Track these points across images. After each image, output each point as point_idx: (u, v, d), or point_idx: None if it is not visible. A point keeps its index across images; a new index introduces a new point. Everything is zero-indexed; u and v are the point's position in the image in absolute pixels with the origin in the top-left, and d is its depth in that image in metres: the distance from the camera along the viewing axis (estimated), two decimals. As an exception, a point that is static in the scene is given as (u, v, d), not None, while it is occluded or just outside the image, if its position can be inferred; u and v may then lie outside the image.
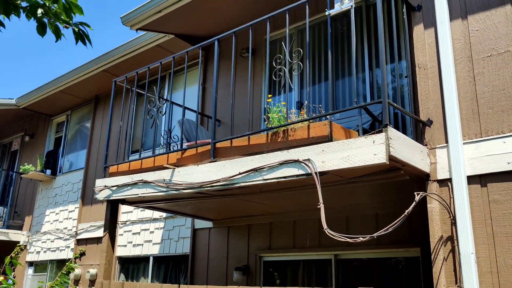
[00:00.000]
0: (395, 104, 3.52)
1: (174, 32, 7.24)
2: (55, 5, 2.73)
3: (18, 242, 10.44)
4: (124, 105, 5.72)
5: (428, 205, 3.66)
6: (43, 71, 38.83)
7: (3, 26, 2.72)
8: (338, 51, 5.85)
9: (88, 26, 3.01)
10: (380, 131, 3.25)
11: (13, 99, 10.85)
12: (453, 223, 3.56)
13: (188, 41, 7.36)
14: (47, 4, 2.70)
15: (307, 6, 4.01)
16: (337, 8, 3.73)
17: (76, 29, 2.91)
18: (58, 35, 2.84)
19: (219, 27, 7.07)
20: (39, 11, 2.66)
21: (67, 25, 2.92)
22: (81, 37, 2.94)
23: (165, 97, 7.89)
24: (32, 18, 2.80)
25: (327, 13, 3.80)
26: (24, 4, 2.83)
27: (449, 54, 3.85)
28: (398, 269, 4.97)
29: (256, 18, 6.58)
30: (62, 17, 2.92)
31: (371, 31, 5.57)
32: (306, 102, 4.09)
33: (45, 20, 2.80)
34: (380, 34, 3.47)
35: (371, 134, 3.30)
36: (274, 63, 4.33)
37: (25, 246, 10.47)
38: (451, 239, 3.55)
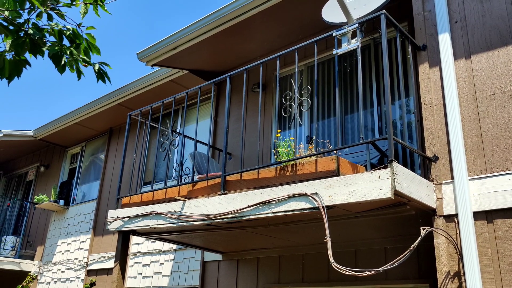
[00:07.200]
0: (400, 140, 3.61)
1: (188, 67, 7.48)
2: (75, 50, 2.94)
3: (29, 272, 10.51)
4: (138, 137, 5.88)
5: (434, 241, 3.69)
6: (61, 104, 39.78)
7: (29, 64, 2.91)
8: (347, 87, 5.99)
9: (108, 65, 3.21)
10: (386, 167, 3.32)
11: (30, 130, 11.14)
12: (460, 258, 3.58)
13: (202, 76, 7.58)
14: (68, 52, 2.91)
15: (315, 46, 4.18)
16: (344, 48, 3.88)
17: (97, 69, 3.11)
18: (79, 74, 3.03)
19: (232, 63, 7.30)
20: (63, 60, 2.87)
21: (86, 64, 3.12)
22: (101, 76, 3.14)
23: (178, 131, 8.06)
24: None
25: (334, 52, 3.95)
26: (48, 43, 3.03)
27: (454, 92, 3.96)
28: (407, 305, 4.93)
29: (269, 54, 6.83)
30: (81, 56, 3.11)
31: (379, 68, 5.72)
32: (314, 137, 4.19)
33: (66, 59, 3.00)
34: (385, 73, 3.60)
35: (377, 169, 3.38)
36: (283, 99, 4.47)
37: (36, 276, 10.51)
38: (458, 275, 3.56)
